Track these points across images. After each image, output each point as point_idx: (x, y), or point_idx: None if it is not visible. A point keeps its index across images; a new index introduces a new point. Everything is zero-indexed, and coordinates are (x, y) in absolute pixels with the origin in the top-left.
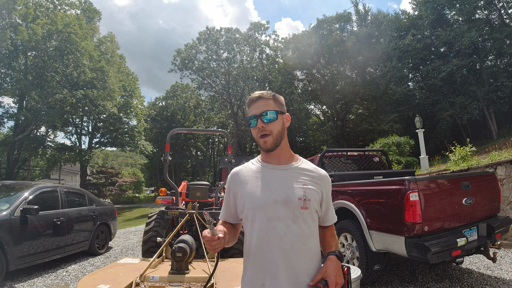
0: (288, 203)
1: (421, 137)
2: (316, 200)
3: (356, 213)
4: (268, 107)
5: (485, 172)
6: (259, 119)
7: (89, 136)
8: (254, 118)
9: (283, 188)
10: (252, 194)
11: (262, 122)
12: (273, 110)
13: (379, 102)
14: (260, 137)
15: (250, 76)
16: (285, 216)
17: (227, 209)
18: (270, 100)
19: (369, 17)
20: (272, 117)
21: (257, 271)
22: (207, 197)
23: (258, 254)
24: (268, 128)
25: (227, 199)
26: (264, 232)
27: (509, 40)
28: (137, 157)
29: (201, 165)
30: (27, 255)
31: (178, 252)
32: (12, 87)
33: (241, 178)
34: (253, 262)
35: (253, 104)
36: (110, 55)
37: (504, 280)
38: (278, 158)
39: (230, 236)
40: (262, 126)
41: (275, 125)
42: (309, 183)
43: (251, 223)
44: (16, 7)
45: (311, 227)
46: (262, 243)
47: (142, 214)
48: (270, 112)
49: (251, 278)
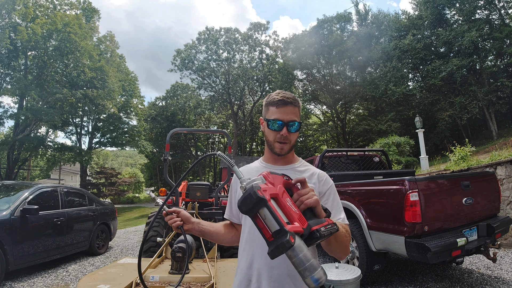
0: None
1: (421, 137)
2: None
3: (356, 213)
4: (296, 117)
5: (485, 172)
6: (286, 127)
7: (89, 136)
8: (280, 123)
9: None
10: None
11: (288, 131)
12: (299, 121)
13: (379, 102)
14: (278, 142)
15: (250, 76)
16: None
17: (230, 208)
18: (297, 109)
19: (369, 17)
20: (295, 129)
21: (246, 267)
22: (207, 197)
23: (248, 250)
24: (290, 137)
25: (230, 199)
26: (254, 229)
27: (509, 40)
28: (137, 157)
29: (201, 165)
30: (27, 255)
31: (178, 252)
32: (12, 86)
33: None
34: (243, 258)
35: (282, 107)
36: (110, 55)
37: (504, 280)
38: (281, 160)
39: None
40: (286, 135)
41: (295, 135)
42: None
43: (244, 220)
44: (15, 7)
45: None
46: (251, 240)
47: (142, 214)
48: (298, 123)
49: (241, 274)
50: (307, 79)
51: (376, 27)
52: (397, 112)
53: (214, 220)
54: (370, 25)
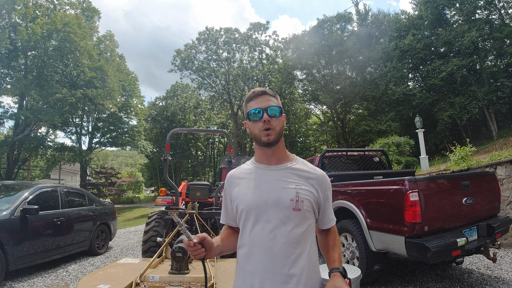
0: (279, 204)
1: (421, 137)
2: (310, 201)
3: (356, 213)
4: (273, 103)
5: (485, 172)
6: (265, 112)
7: (89, 136)
8: (258, 111)
9: (274, 188)
10: (244, 196)
11: (269, 116)
12: (278, 106)
13: (379, 102)
14: (264, 130)
15: (250, 76)
16: (276, 218)
17: (226, 212)
18: (273, 97)
19: (369, 17)
20: (276, 113)
21: (247, 273)
22: (207, 197)
23: (248, 256)
24: (273, 123)
25: (225, 203)
26: (254, 234)
27: (509, 40)
28: (137, 157)
29: (201, 165)
30: (27, 255)
31: (178, 252)
32: (12, 86)
33: (235, 180)
34: (243, 265)
35: (257, 98)
36: (109, 54)
37: (504, 280)
38: (272, 157)
39: (229, 243)
40: (268, 120)
41: (279, 121)
42: (303, 184)
43: (243, 225)
44: (15, 7)
45: (304, 230)
46: (252, 245)
47: (142, 214)
48: (276, 107)
49: (241, 281)
50: (307, 79)
51: (376, 27)
52: (397, 112)
53: (214, 220)
54: (370, 25)
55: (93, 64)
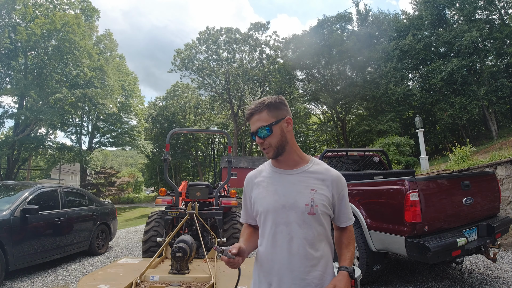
0: (295, 208)
1: (421, 137)
2: (324, 205)
3: (356, 213)
4: (261, 123)
5: (485, 172)
6: (256, 136)
7: (89, 136)
8: (252, 135)
9: (291, 193)
10: (263, 199)
11: (260, 138)
12: (267, 125)
13: (379, 102)
14: (262, 149)
15: (250, 76)
16: (293, 221)
17: (246, 212)
18: (263, 112)
19: (369, 17)
20: (265, 133)
21: (266, 272)
22: (207, 197)
23: (266, 256)
24: (266, 142)
25: (245, 203)
26: (272, 236)
27: (509, 40)
28: (137, 157)
29: (201, 165)
30: (27, 255)
31: (178, 252)
32: (12, 86)
33: (254, 182)
34: (261, 264)
35: (249, 120)
36: (109, 54)
37: (504, 280)
38: (286, 163)
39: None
40: (260, 142)
41: (272, 138)
42: (318, 187)
43: (262, 226)
44: (15, 7)
45: (319, 232)
46: (270, 246)
47: (142, 214)
48: (261, 129)
49: (260, 279)
50: (307, 79)
51: (376, 27)
52: (397, 112)
53: (214, 220)
54: (370, 25)
55: (93, 64)
